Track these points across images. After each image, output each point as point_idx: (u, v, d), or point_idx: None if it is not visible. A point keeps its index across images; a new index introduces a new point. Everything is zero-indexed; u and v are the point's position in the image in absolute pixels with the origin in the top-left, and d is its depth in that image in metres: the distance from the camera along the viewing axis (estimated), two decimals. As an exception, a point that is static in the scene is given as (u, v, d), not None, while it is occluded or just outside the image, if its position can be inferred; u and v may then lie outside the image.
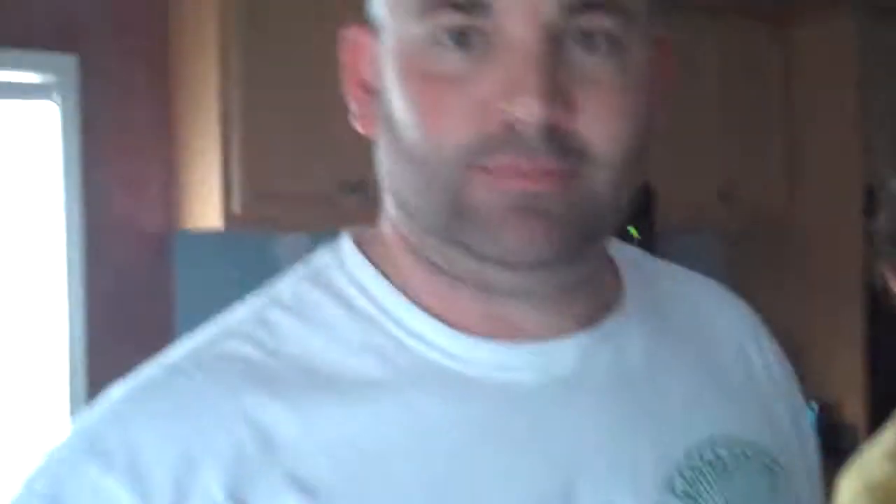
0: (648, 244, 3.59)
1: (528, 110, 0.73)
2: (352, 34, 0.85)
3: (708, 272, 1.01)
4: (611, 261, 0.91)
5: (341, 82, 0.86)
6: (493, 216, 0.75)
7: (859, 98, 4.31)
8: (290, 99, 3.15)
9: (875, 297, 4.13)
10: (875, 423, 4.14)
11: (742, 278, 4.46)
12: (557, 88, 0.74)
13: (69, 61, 3.12)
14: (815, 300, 4.37)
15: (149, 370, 0.81)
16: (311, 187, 3.20)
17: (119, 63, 3.22)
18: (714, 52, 4.23)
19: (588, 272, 0.83)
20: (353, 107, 0.85)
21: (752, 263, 4.54)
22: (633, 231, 3.62)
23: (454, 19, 0.75)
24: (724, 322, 0.96)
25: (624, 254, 0.93)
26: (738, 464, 0.85)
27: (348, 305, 0.83)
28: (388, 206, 0.85)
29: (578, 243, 0.78)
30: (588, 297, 0.85)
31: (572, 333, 0.83)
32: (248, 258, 3.36)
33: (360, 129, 0.85)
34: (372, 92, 0.83)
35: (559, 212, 0.75)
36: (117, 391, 0.80)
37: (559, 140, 0.74)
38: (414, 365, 0.80)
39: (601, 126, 0.76)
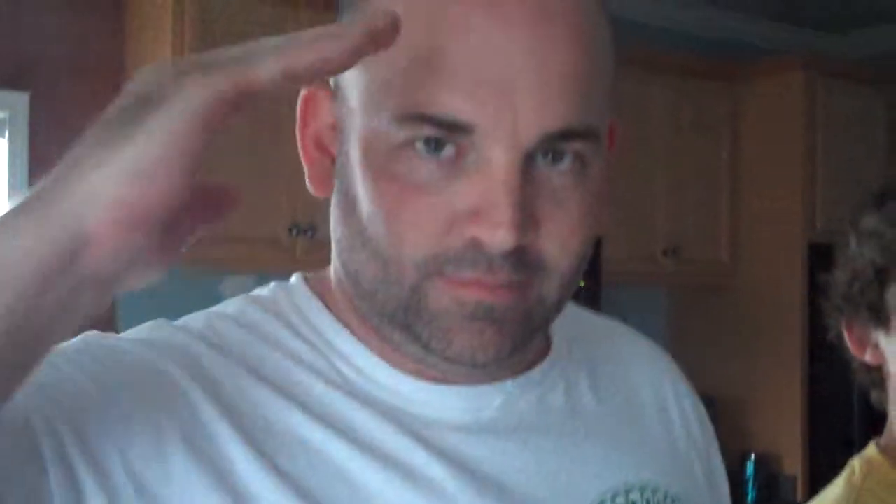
0: (593, 296, 3.61)
1: (498, 239, 0.73)
2: (310, 91, 0.84)
3: (651, 326, 1.03)
4: None
5: (294, 135, 0.85)
6: (449, 322, 0.77)
7: (805, 156, 4.39)
8: (239, 142, 3.15)
9: (814, 352, 4.21)
10: (813, 474, 4.20)
11: (685, 332, 4.50)
12: (527, 214, 0.74)
13: (20, 98, 3.11)
14: (757, 354, 4.41)
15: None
16: (257, 230, 3.19)
17: (71, 102, 3.21)
18: (664, 107, 4.29)
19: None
20: (307, 165, 0.84)
21: (695, 318, 4.59)
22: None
23: (432, 132, 0.74)
24: (646, 374, 0.98)
25: None
26: None
27: (293, 330, 0.84)
28: (338, 268, 0.85)
29: (525, 342, 0.80)
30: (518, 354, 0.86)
31: (500, 380, 0.85)
32: (192, 298, 3.33)
33: (312, 189, 0.83)
34: (327, 153, 0.83)
35: (511, 320, 0.77)
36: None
37: (520, 257, 0.75)
38: (350, 389, 0.82)
39: (561, 241, 0.77)
